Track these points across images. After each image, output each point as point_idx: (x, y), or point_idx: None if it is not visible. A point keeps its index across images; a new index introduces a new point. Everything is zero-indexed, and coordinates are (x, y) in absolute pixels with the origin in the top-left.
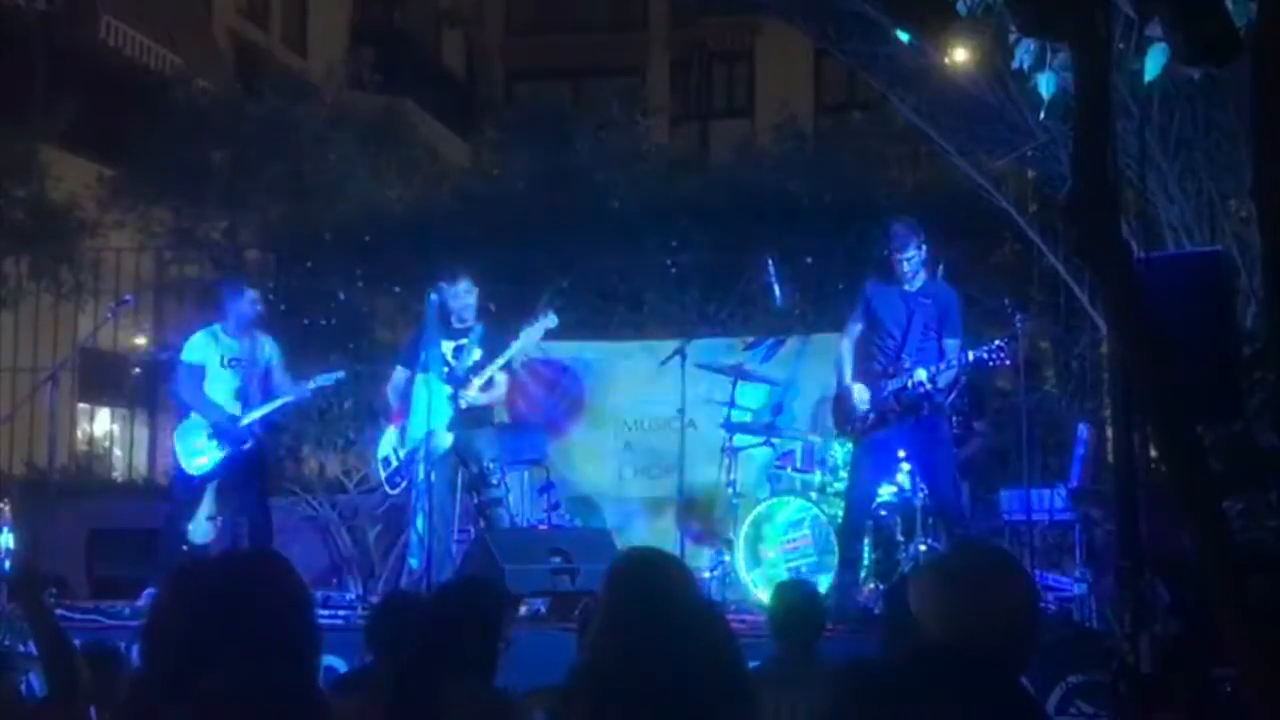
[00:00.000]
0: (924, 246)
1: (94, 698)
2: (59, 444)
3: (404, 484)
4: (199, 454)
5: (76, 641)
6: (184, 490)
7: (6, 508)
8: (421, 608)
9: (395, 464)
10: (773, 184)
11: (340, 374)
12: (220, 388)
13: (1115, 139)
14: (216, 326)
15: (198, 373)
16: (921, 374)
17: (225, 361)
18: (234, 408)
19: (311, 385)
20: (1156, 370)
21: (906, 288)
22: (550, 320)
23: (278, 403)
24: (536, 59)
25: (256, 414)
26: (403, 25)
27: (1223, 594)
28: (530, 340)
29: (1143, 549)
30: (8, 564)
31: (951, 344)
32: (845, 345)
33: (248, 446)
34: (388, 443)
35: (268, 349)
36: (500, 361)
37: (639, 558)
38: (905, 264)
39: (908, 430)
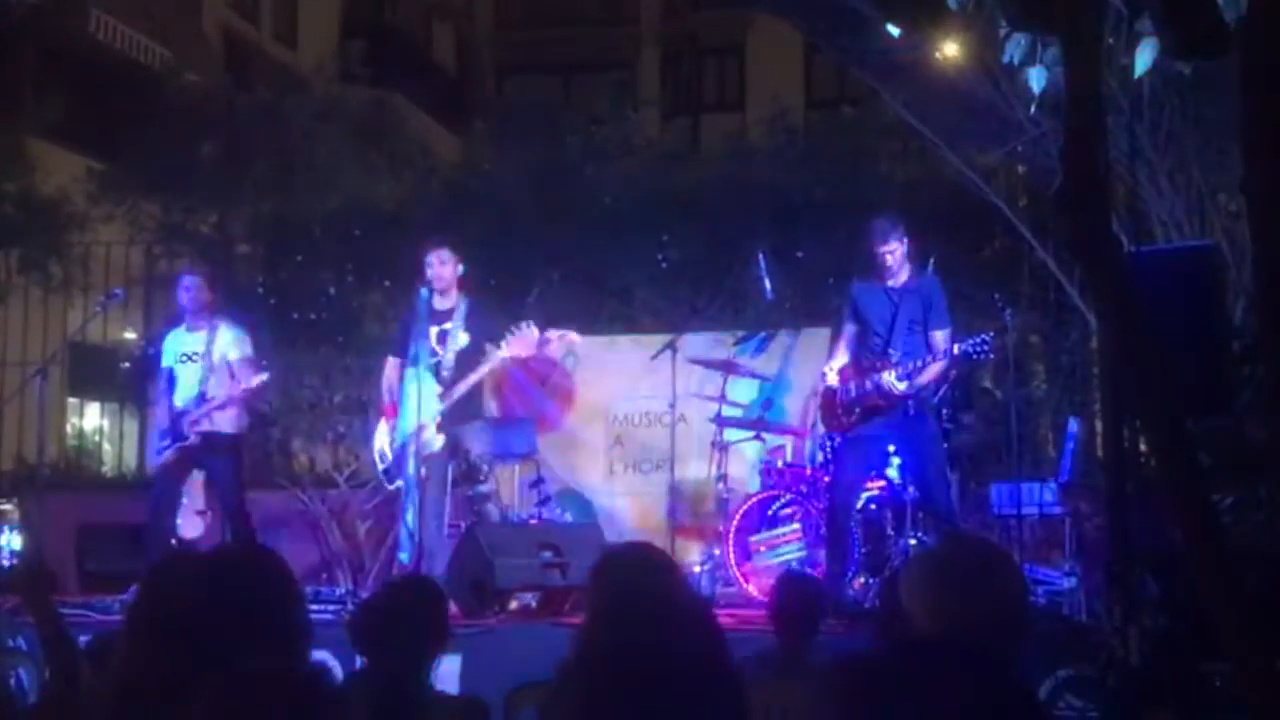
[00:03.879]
0: (905, 241)
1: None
2: (48, 438)
3: (401, 480)
4: (155, 445)
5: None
6: (155, 484)
7: (15, 509)
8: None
9: (390, 459)
10: (763, 178)
11: (264, 376)
12: (182, 384)
13: (1106, 134)
14: (182, 325)
15: (163, 373)
16: (890, 376)
17: (180, 357)
18: (192, 404)
19: (240, 389)
20: (1146, 364)
21: (891, 283)
22: (531, 333)
23: (213, 404)
24: (527, 53)
25: (197, 413)
26: (393, 19)
27: (1212, 588)
28: (513, 353)
29: (1132, 543)
30: (14, 563)
31: (939, 335)
32: (839, 347)
33: (190, 442)
34: (381, 437)
35: (223, 340)
36: (483, 370)
37: (625, 553)
38: (888, 257)
39: (895, 425)
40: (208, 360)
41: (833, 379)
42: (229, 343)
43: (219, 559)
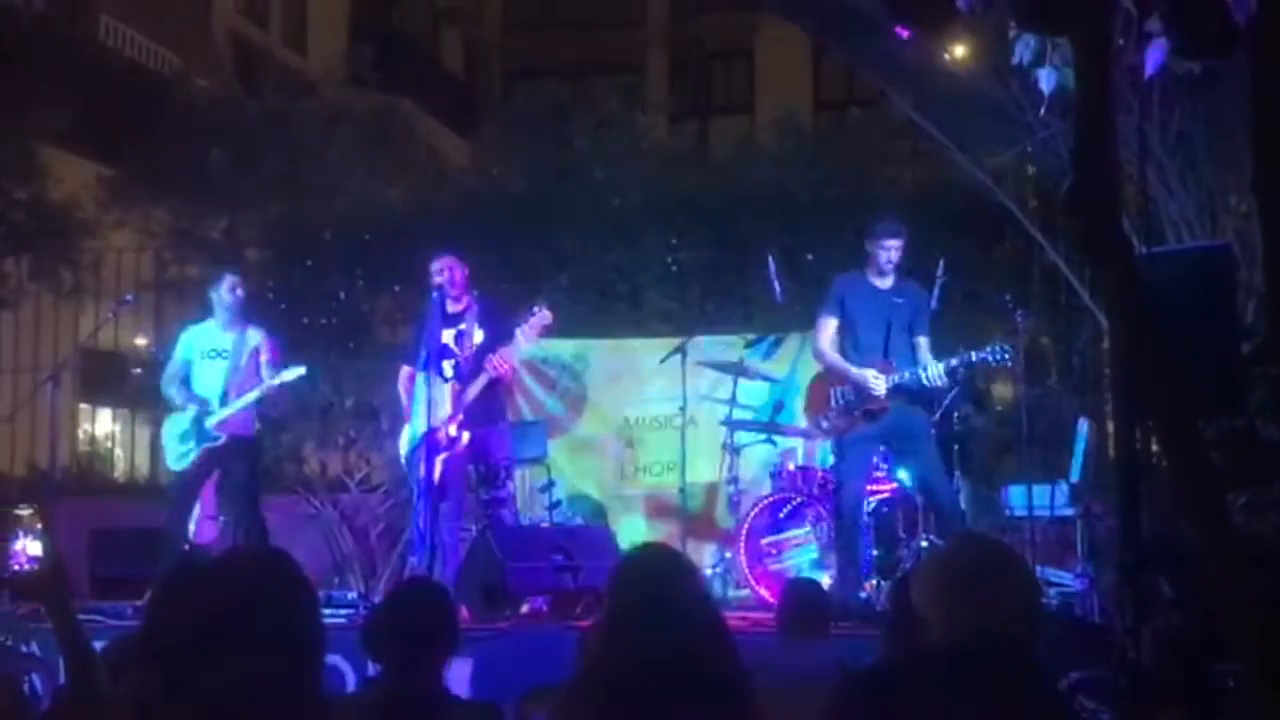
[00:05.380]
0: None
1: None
2: (60, 444)
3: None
4: (176, 449)
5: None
6: (173, 487)
7: (36, 516)
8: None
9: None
10: (772, 181)
11: (302, 370)
12: (202, 382)
13: (1116, 134)
14: (209, 320)
15: (180, 366)
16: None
17: (206, 353)
18: (215, 402)
19: (276, 381)
20: (1158, 365)
21: (879, 283)
22: (544, 317)
23: (245, 399)
24: (535, 57)
25: (225, 411)
26: (401, 23)
27: (1225, 588)
28: (528, 340)
29: (1144, 544)
30: (33, 568)
31: (922, 342)
32: (826, 342)
33: (219, 443)
34: (407, 442)
35: (252, 340)
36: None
37: (647, 555)
38: (893, 254)
39: (888, 425)
40: (236, 359)
41: (878, 380)
42: (258, 341)
43: (234, 563)
